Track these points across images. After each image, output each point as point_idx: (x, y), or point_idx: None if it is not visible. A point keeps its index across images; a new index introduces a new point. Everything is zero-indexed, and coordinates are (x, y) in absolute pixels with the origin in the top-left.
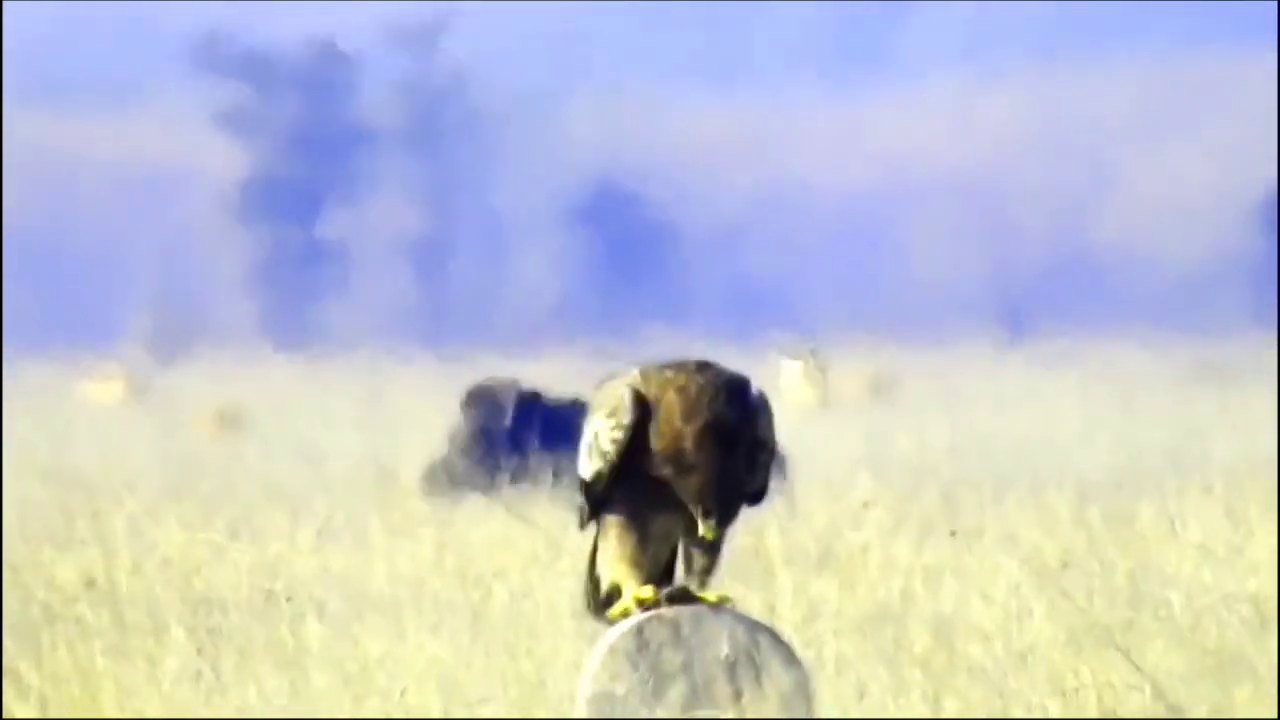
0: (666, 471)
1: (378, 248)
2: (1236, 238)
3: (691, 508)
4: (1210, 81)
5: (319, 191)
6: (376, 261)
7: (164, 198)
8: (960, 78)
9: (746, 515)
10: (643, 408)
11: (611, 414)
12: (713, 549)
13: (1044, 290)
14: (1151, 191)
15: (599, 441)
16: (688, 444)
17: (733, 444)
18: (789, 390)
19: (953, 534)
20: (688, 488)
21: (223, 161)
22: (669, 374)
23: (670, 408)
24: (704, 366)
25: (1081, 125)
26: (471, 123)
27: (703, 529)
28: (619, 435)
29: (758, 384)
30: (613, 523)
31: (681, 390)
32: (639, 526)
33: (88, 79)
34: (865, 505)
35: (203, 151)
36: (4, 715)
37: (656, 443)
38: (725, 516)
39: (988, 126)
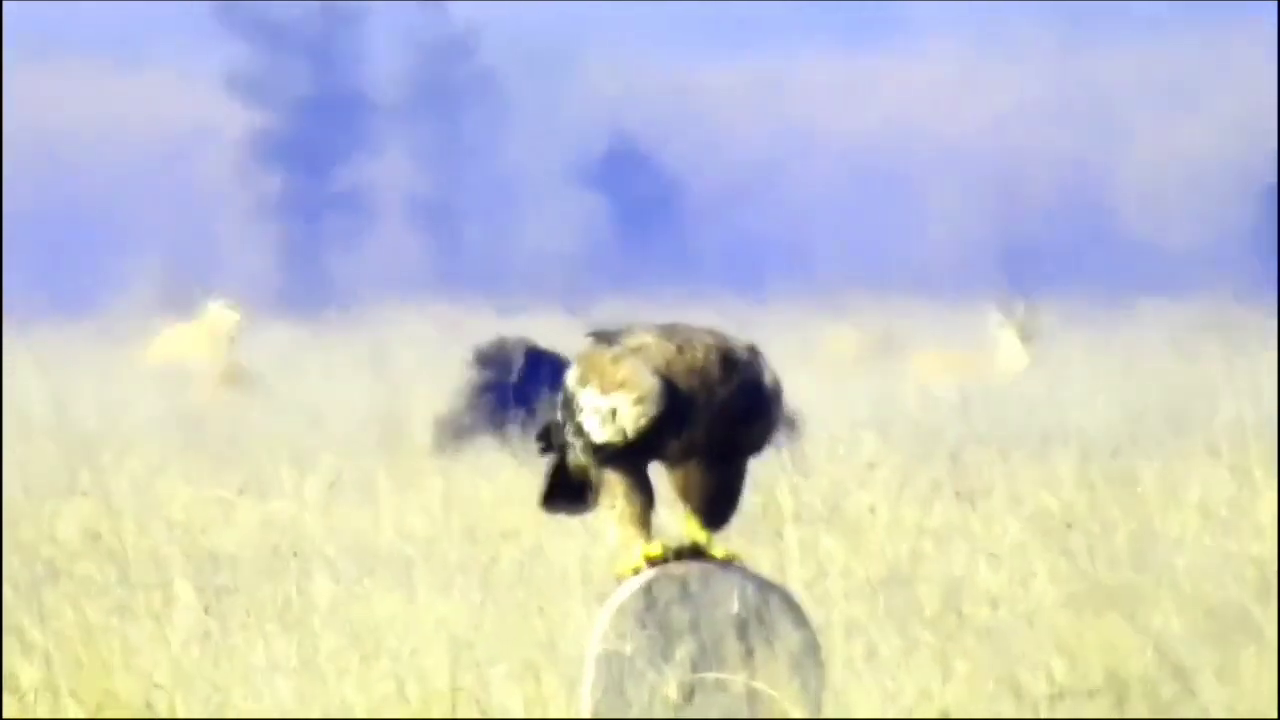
0: (671, 470)
1: (387, 206)
2: (1244, 200)
3: (688, 511)
4: (1221, 47)
5: (327, 150)
6: (385, 220)
7: (172, 157)
8: (969, 37)
9: (754, 472)
10: (672, 400)
11: (639, 400)
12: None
13: (1051, 250)
14: (1159, 154)
15: (619, 418)
16: (698, 454)
17: (742, 453)
18: (1003, 351)
19: (958, 495)
20: (687, 493)
21: (231, 121)
22: (696, 370)
23: (694, 418)
24: (730, 362)
25: (1091, 86)
26: (481, 82)
27: (696, 534)
28: (643, 424)
29: (771, 364)
30: (619, 481)
31: (708, 401)
32: (647, 486)
33: (95, 38)
34: (870, 466)
35: (212, 111)
36: (7, 677)
37: (672, 438)
38: (720, 520)
39: (997, 86)
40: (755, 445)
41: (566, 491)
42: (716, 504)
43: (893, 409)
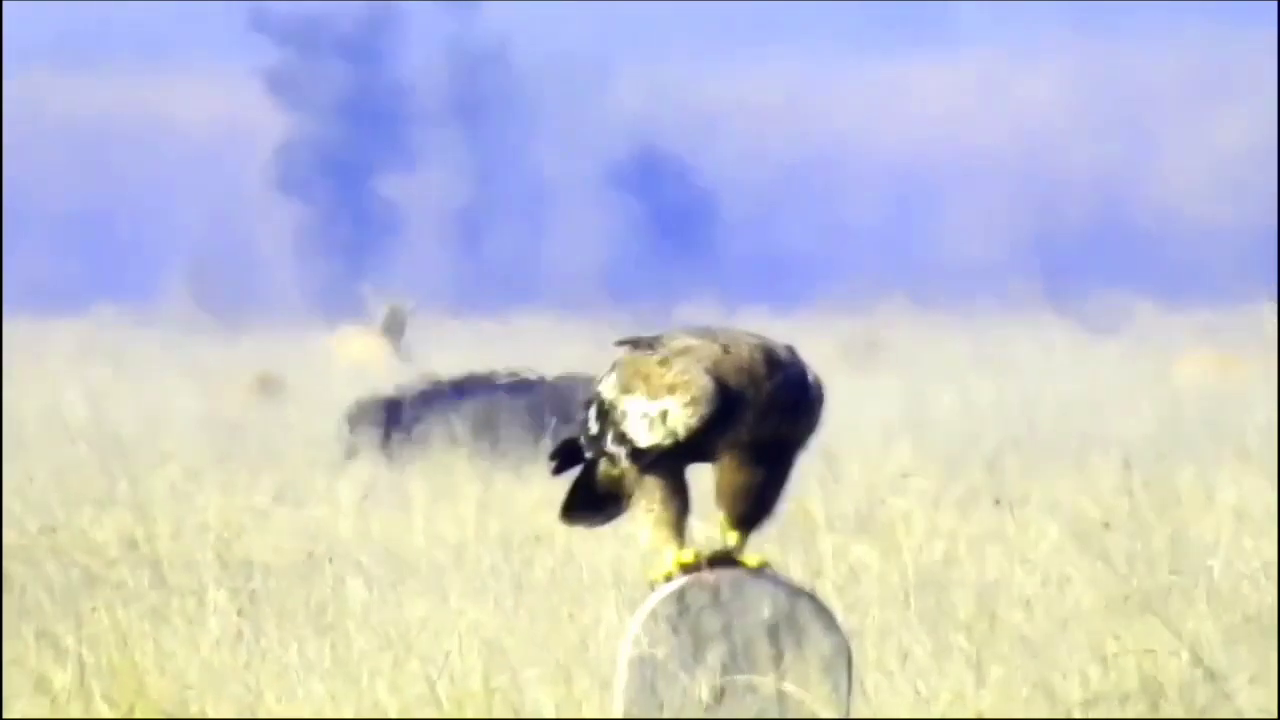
0: (718, 461)
1: (419, 214)
2: (1277, 204)
3: (722, 512)
4: (1249, 49)
5: (361, 156)
6: (418, 227)
7: (207, 162)
8: (1001, 46)
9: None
10: (723, 400)
11: (691, 402)
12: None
13: (1086, 257)
14: (1192, 158)
15: (669, 420)
16: (740, 455)
17: (785, 456)
18: None
19: (996, 502)
20: (724, 493)
21: (265, 125)
22: (743, 369)
23: (741, 416)
24: (774, 361)
25: (1123, 92)
26: (514, 90)
27: (726, 535)
28: (694, 424)
29: (812, 370)
30: (656, 485)
31: (755, 398)
32: (683, 493)
33: (132, 40)
34: (905, 475)
35: (246, 116)
36: (39, 679)
37: (719, 437)
38: (752, 525)
39: (1029, 94)
40: (800, 441)
41: (588, 504)
42: (747, 505)
43: (927, 416)
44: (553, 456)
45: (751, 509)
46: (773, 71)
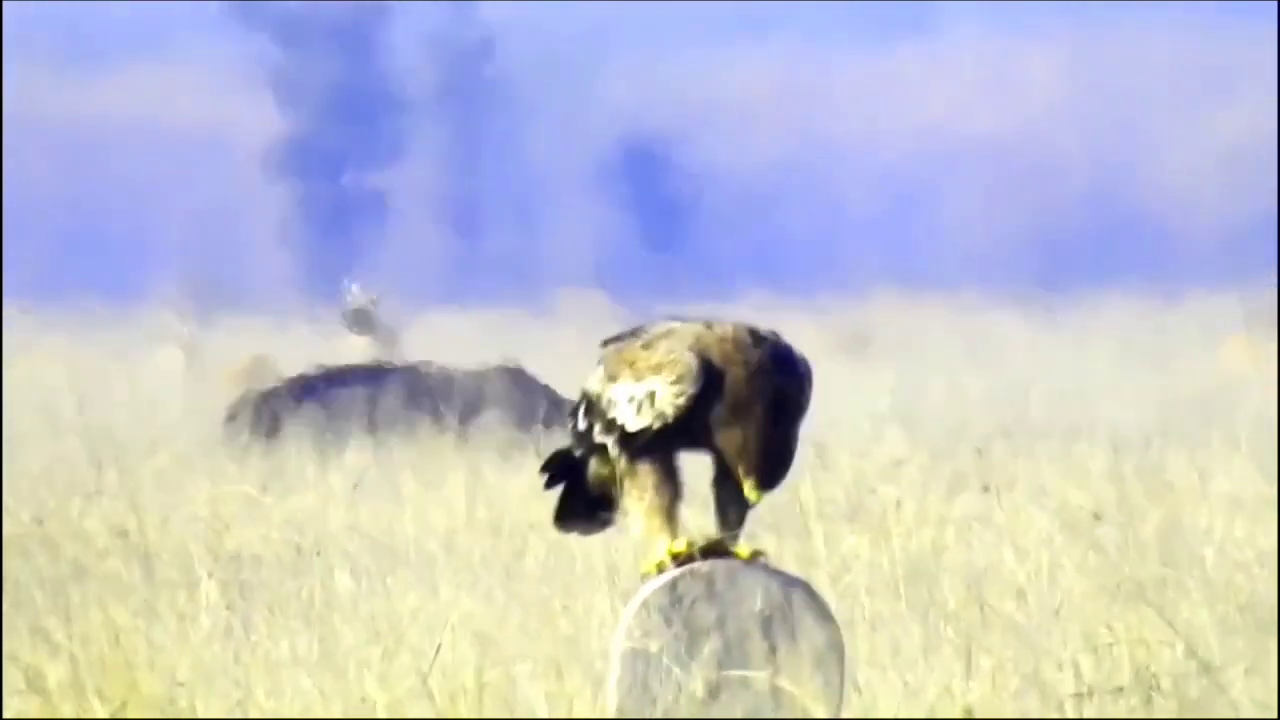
0: (720, 433)
1: (409, 206)
2: (1272, 194)
3: (740, 471)
4: (1248, 40)
5: (350, 150)
6: (408, 220)
7: (196, 155)
8: (997, 36)
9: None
10: (709, 376)
11: (678, 380)
12: (745, 504)
13: (1078, 246)
14: (1186, 148)
15: (657, 401)
16: (747, 412)
17: (788, 414)
18: None
19: (985, 489)
20: (740, 451)
21: (254, 119)
22: (728, 340)
23: (735, 377)
24: (757, 335)
25: (1118, 83)
26: (505, 83)
27: (749, 493)
28: (682, 402)
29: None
30: (648, 474)
31: (744, 360)
32: (675, 481)
33: (120, 35)
34: (897, 463)
35: (235, 109)
36: (32, 676)
37: (715, 409)
38: (773, 481)
39: (1024, 84)
40: (797, 406)
41: (581, 509)
42: (771, 461)
43: (918, 405)
44: (544, 470)
45: (772, 466)
46: (764, 62)
